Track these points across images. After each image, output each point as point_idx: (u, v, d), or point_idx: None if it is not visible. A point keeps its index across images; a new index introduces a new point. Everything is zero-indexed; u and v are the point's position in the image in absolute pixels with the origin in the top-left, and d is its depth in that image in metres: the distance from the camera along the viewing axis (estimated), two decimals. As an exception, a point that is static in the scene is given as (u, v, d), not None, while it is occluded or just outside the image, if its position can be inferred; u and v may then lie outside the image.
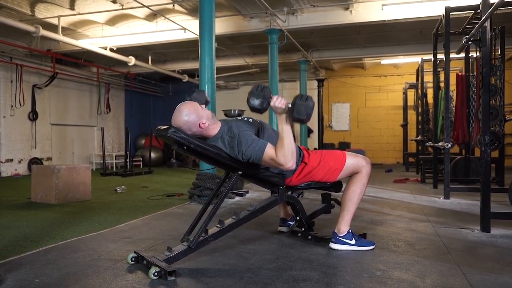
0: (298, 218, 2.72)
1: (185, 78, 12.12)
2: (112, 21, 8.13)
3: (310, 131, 12.28)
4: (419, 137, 8.58)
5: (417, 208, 4.08)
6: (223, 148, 2.28)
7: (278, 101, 2.21)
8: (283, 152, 2.17)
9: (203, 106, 2.32)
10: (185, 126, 2.19)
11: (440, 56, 5.61)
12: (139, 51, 10.03)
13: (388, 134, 12.68)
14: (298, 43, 8.74)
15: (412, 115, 10.95)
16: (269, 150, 2.21)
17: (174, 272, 2.01)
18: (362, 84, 12.87)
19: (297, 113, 2.16)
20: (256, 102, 2.23)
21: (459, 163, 6.21)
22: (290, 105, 2.20)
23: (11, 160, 8.99)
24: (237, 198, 4.92)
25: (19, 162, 9.18)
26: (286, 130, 2.21)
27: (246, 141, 2.23)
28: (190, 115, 2.20)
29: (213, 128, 2.31)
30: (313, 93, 12.53)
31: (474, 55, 5.75)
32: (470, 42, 4.05)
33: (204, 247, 2.25)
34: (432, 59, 5.95)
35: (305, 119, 2.17)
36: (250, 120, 2.47)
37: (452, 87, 6.06)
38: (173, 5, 7.04)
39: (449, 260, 2.30)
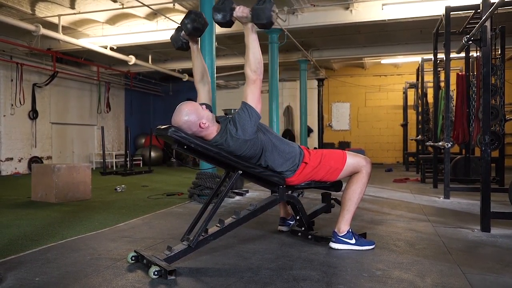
0: (298, 217, 2.72)
1: (185, 78, 12.12)
2: (112, 20, 8.13)
3: (310, 130, 12.29)
4: (419, 136, 8.58)
5: (417, 208, 4.08)
6: (224, 147, 2.27)
7: (240, 11, 2.22)
8: (250, 65, 2.23)
9: (204, 106, 2.32)
10: (185, 125, 2.19)
11: (441, 55, 5.62)
12: (139, 50, 10.02)
13: (388, 134, 12.68)
14: (298, 42, 8.74)
15: (412, 115, 10.95)
16: (246, 91, 2.28)
17: (174, 271, 2.01)
18: (362, 84, 12.86)
19: (256, 18, 2.16)
20: (219, 16, 2.23)
21: (459, 162, 6.20)
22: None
23: (11, 159, 8.99)
24: (237, 198, 4.92)
25: (19, 161, 9.18)
26: (251, 39, 2.25)
27: (237, 120, 2.25)
28: (190, 115, 2.20)
29: (213, 129, 2.29)
30: (313, 93, 12.54)
31: (475, 54, 5.75)
32: (470, 42, 4.06)
33: (204, 246, 2.25)
34: (432, 59, 5.95)
35: (266, 23, 2.16)
36: None
37: (452, 86, 6.06)
38: (174, 4, 7.04)
39: (449, 259, 2.30)
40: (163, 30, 8.04)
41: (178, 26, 2.48)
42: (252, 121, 2.24)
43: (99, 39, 8.58)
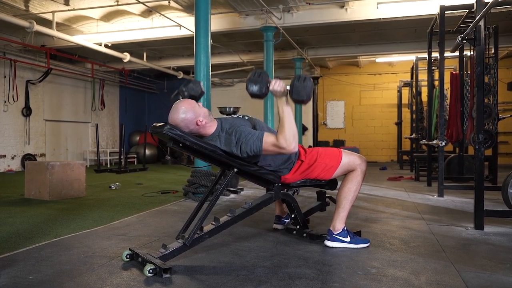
0: (293, 215, 2.72)
1: (180, 75, 12.08)
2: (107, 17, 8.08)
3: (305, 128, 12.31)
4: (413, 135, 8.62)
5: (411, 206, 4.11)
6: (220, 146, 2.27)
7: (277, 85, 2.22)
8: (284, 134, 2.17)
9: (200, 103, 2.32)
10: (182, 123, 2.19)
11: (435, 54, 5.65)
12: (134, 48, 9.97)
13: (383, 132, 12.73)
14: (293, 40, 8.74)
15: (406, 113, 11.00)
16: (268, 137, 2.21)
17: (169, 269, 2.00)
18: (357, 82, 12.90)
19: (296, 94, 2.17)
20: (255, 88, 2.24)
21: (453, 161, 6.25)
22: (288, 88, 2.21)
23: (4, 156, 8.92)
24: (232, 196, 4.91)
25: (12, 158, 9.12)
26: (286, 112, 2.21)
27: (243, 134, 2.23)
28: (187, 113, 2.19)
29: (210, 126, 2.30)
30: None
31: (468, 53, 5.79)
32: (464, 41, 4.08)
33: (199, 244, 2.25)
34: (427, 58, 5.98)
35: (305, 100, 2.18)
36: (246, 117, 2.47)
37: (447, 85, 6.10)
38: (169, 2, 7.00)
39: (443, 257, 2.31)
40: (158, 28, 8.00)
41: (177, 92, 2.47)
42: (252, 149, 2.23)
43: (94, 36, 8.51)
